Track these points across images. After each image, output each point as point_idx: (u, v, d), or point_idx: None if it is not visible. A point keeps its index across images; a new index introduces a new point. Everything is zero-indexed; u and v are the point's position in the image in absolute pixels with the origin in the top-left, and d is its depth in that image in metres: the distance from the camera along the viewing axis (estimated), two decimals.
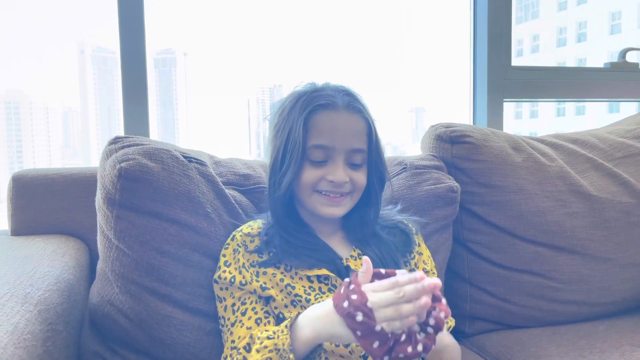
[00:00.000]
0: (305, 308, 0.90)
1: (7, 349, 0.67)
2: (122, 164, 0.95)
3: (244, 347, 0.86)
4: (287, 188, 0.92)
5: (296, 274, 0.94)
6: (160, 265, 0.97)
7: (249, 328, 0.89)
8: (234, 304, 0.93)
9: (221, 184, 1.07)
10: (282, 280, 0.93)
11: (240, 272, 0.93)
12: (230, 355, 0.89)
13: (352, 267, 0.95)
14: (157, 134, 1.67)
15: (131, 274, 0.97)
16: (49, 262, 0.99)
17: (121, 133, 1.48)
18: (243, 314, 0.91)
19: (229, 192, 1.09)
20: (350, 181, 0.93)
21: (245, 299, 0.92)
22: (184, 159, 1.03)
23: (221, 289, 0.95)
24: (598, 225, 1.31)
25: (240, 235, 0.96)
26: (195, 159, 1.05)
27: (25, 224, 1.19)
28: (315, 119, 0.92)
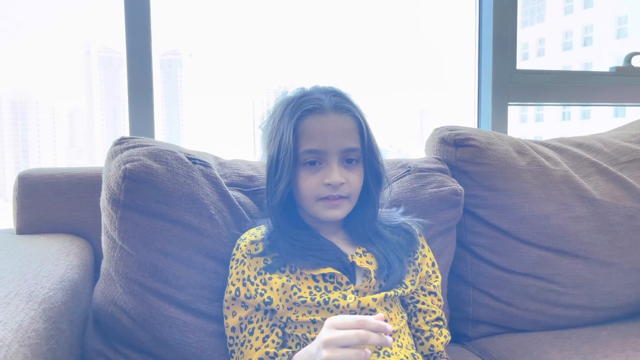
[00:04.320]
0: (310, 307, 0.91)
1: (11, 347, 0.67)
2: (127, 165, 0.96)
3: None
4: (283, 195, 0.92)
5: (301, 274, 0.94)
6: (164, 266, 0.97)
7: (257, 349, 0.92)
8: (241, 323, 0.94)
9: (225, 186, 1.07)
10: (288, 280, 0.93)
11: (244, 285, 0.94)
12: None
13: (358, 263, 0.95)
14: (162, 134, 1.68)
15: (134, 275, 0.97)
16: (53, 261, 1.00)
17: (126, 133, 1.49)
18: (250, 333, 0.93)
19: (233, 193, 1.09)
20: (346, 183, 0.93)
21: (251, 317, 0.94)
22: (188, 161, 1.03)
23: (221, 306, 0.97)
24: (602, 230, 1.30)
25: (245, 245, 0.96)
26: (199, 160, 1.06)
27: (31, 223, 1.20)
28: (305, 125, 0.92)
